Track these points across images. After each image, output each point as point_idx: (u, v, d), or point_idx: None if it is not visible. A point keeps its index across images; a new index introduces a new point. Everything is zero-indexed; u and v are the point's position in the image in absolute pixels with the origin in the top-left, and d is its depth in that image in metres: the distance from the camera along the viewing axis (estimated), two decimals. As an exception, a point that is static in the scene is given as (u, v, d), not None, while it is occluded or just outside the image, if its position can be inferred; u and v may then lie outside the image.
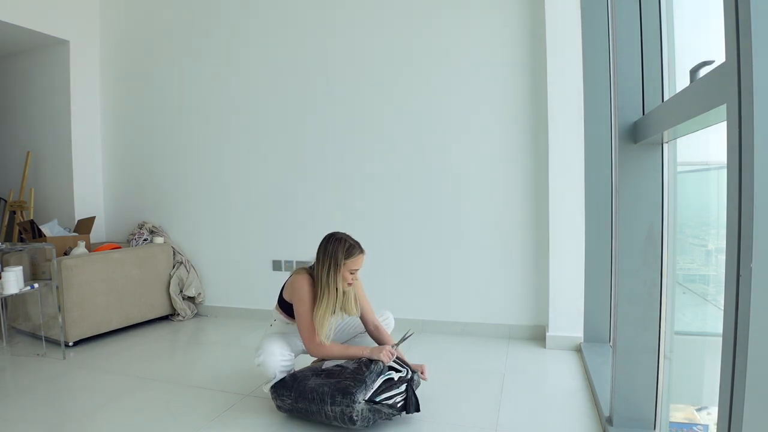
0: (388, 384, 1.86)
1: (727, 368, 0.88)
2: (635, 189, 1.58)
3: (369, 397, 1.77)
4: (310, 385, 1.83)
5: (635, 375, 1.62)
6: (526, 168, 2.90)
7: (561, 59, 2.65)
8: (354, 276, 1.98)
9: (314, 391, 1.80)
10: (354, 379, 1.79)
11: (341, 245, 1.94)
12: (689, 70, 1.18)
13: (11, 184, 4.17)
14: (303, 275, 1.99)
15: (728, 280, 0.88)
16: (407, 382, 1.91)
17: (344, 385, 1.77)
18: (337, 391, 1.76)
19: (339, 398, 1.74)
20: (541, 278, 2.88)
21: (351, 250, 1.94)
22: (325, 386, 1.80)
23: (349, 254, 1.94)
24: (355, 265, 1.96)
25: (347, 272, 1.95)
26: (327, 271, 1.93)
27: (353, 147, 3.26)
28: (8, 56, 4.16)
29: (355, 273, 1.98)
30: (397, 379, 1.89)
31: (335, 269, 1.93)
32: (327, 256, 1.94)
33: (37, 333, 3.11)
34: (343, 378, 1.81)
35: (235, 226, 3.64)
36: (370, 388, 1.78)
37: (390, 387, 1.86)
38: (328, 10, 3.29)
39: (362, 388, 1.76)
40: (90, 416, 2.04)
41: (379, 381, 1.83)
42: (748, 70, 0.80)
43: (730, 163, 0.87)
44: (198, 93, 3.70)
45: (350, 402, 1.73)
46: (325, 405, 1.76)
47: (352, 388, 1.75)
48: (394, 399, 1.85)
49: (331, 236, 1.99)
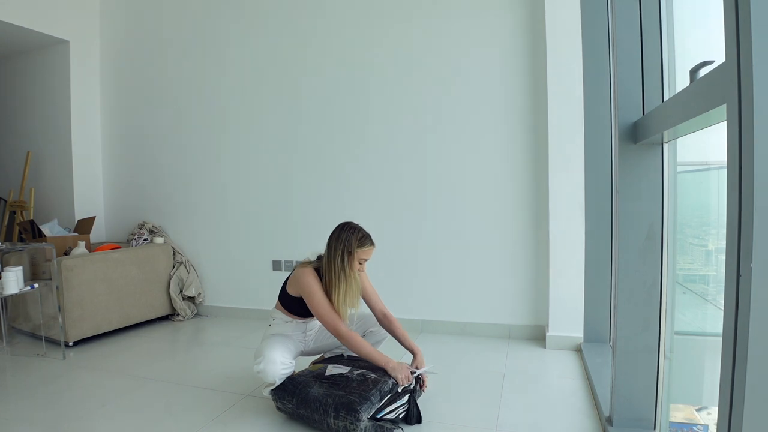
0: (392, 398, 1.83)
1: (727, 368, 0.88)
2: (635, 189, 1.58)
3: (372, 415, 1.75)
4: (313, 393, 1.80)
5: (635, 375, 1.61)
6: (526, 167, 2.90)
7: (561, 59, 2.65)
8: (362, 266, 2.00)
9: (317, 401, 1.77)
10: (360, 396, 1.74)
11: (355, 234, 1.97)
12: (689, 70, 1.18)
13: (11, 184, 4.17)
14: (308, 268, 1.99)
15: (728, 280, 0.88)
16: (410, 392, 1.89)
17: (349, 401, 1.72)
18: (342, 406, 1.72)
19: (343, 414, 1.71)
20: (541, 278, 2.88)
21: (364, 240, 1.97)
22: (329, 398, 1.76)
23: (362, 243, 1.96)
24: (366, 256, 1.98)
25: (357, 262, 1.97)
26: (341, 258, 1.94)
27: (353, 147, 3.26)
28: (8, 56, 4.16)
29: (363, 264, 2.00)
30: (401, 391, 1.87)
31: (349, 256, 1.94)
32: (341, 243, 1.95)
33: (37, 333, 3.11)
34: (348, 392, 1.77)
35: (235, 226, 3.64)
36: (375, 406, 1.75)
37: (393, 400, 1.83)
38: (327, 11, 3.29)
39: (367, 406, 1.72)
40: (90, 416, 2.03)
41: (385, 399, 1.80)
42: (748, 70, 0.80)
43: (730, 163, 0.87)
44: (198, 92, 3.70)
45: (354, 420, 1.69)
46: (328, 417, 1.74)
47: (356, 405, 1.71)
48: (396, 411, 1.83)
49: (346, 225, 2.01)
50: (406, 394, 1.87)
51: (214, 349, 2.98)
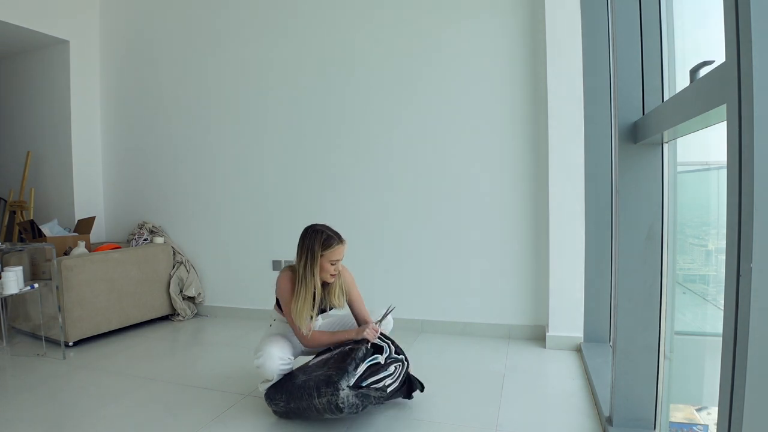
0: (374, 368, 1.84)
1: (727, 368, 0.88)
2: (635, 189, 1.58)
3: (354, 383, 1.76)
4: (297, 382, 1.83)
5: (635, 375, 1.62)
6: (527, 167, 2.90)
7: (561, 59, 2.65)
8: (336, 267, 1.96)
9: (301, 388, 1.80)
10: (337, 368, 1.78)
11: (318, 237, 1.93)
12: (689, 70, 1.18)
13: (11, 184, 4.17)
14: (286, 272, 2.00)
15: (728, 280, 0.88)
16: (397, 363, 1.90)
17: (326, 375, 1.76)
18: (321, 383, 1.75)
19: (323, 389, 1.73)
20: (541, 278, 2.88)
21: (328, 241, 1.92)
22: (311, 381, 1.79)
23: (327, 245, 1.91)
24: (335, 256, 1.93)
25: (327, 263, 1.93)
26: (304, 265, 1.93)
27: (354, 148, 3.26)
28: (8, 56, 4.16)
29: (336, 264, 1.95)
30: (385, 362, 1.87)
31: (312, 262, 1.92)
32: (304, 249, 1.94)
33: (37, 333, 3.11)
34: (326, 369, 1.81)
35: (235, 227, 3.64)
36: (352, 374, 1.77)
37: (377, 371, 1.84)
38: (328, 15, 3.29)
39: (344, 375, 1.75)
40: (90, 416, 2.03)
41: (363, 366, 1.81)
42: (748, 70, 0.80)
43: (730, 163, 0.87)
44: (198, 92, 3.70)
45: (334, 390, 1.71)
46: (313, 399, 1.75)
47: (334, 377, 1.74)
48: (383, 382, 1.83)
49: (309, 229, 1.98)
50: (392, 365, 1.88)
51: (214, 349, 2.98)
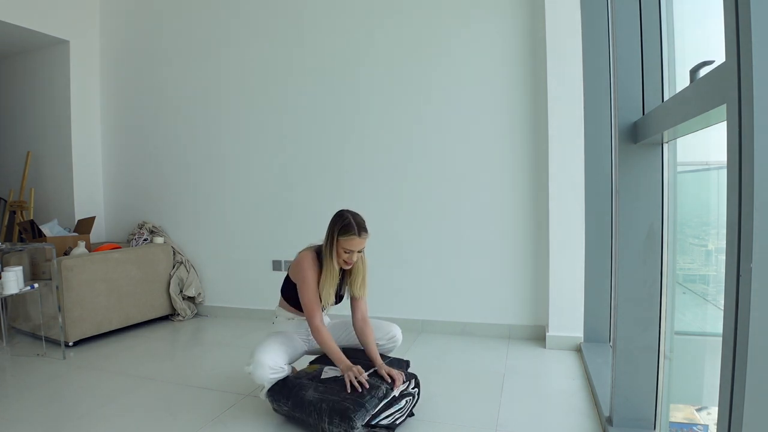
0: (389, 402, 1.80)
1: (727, 368, 0.88)
2: (635, 189, 1.58)
3: (367, 422, 1.72)
4: (308, 397, 1.78)
5: (635, 375, 1.62)
6: (526, 168, 2.90)
7: (561, 59, 2.65)
8: (349, 256, 1.91)
9: (312, 405, 1.75)
10: (354, 402, 1.71)
11: (339, 222, 1.90)
12: (689, 70, 1.18)
13: (11, 184, 4.17)
14: (307, 251, 1.98)
15: (728, 280, 0.88)
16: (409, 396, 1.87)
17: (343, 408, 1.70)
18: (336, 413, 1.69)
19: (337, 420, 1.68)
20: (541, 278, 2.88)
21: (346, 228, 1.88)
22: (324, 403, 1.74)
23: (343, 232, 1.88)
24: (348, 245, 1.88)
25: (342, 250, 1.90)
26: (327, 245, 1.93)
27: (354, 147, 3.26)
28: (8, 56, 4.16)
29: (350, 254, 1.90)
30: (399, 395, 1.83)
31: (331, 244, 1.91)
32: (329, 229, 1.94)
33: (37, 333, 3.11)
34: (342, 397, 1.74)
35: (235, 226, 3.64)
36: (369, 413, 1.72)
37: (390, 404, 1.80)
38: (327, 14, 3.29)
39: (362, 413, 1.69)
40: (90, 416, 2.03)
41: (380, 405, 1.77)
42: (748, 70, 0.80)
43: (730, 163, 0.87)
44: (198, 93, 3.70)
45: (348, 427, 1.67)
46: (323, 422, 1.72)
47: (351, 412, 1.68)
48: (393, 417, 1.81)
49: (338, 212, 1.96)
50: (404, 399, 1.85)
51: (214, 349, 2.98)
